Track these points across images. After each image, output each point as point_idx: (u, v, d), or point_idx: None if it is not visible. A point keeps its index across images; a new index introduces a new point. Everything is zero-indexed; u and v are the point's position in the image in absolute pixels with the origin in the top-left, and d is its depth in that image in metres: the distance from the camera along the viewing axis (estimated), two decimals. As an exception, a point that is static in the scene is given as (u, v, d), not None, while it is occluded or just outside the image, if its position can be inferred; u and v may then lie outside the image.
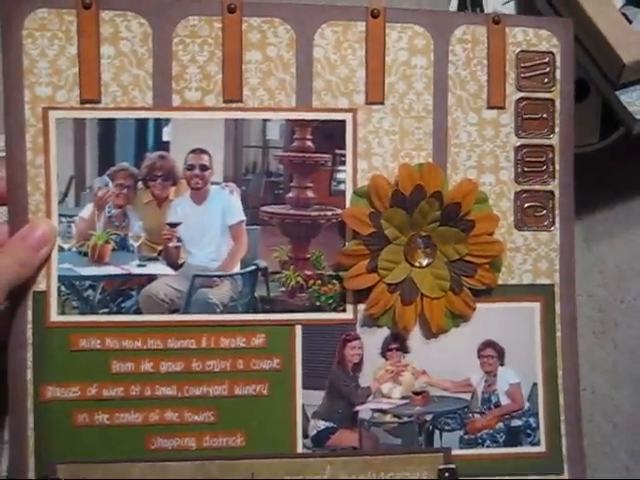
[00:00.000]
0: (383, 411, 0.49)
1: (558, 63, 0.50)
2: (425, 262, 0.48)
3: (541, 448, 0.49)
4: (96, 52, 0.46)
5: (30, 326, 0.46)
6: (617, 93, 0.55)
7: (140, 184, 0.47)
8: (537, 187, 0.50)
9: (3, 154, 0.46)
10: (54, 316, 0.47)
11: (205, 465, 0.47)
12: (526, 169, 0.50)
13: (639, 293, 0.57)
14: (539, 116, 0.50)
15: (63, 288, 0.47)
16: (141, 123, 0.47)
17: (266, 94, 0.48)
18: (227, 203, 0.48)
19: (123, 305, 0.47)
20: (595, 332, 0.56)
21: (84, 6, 0.46)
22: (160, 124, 0.47)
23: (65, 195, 0.47)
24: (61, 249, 0.47)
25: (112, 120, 0.47)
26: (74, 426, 0.47)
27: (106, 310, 0.47)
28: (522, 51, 0.50)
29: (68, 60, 0.46)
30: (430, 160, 0.49)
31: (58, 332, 0.47)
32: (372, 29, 0.49)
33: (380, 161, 0.49)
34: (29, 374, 0.46)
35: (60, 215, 0.47)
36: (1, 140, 0.50)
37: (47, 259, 0.46)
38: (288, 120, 0.48)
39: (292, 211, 0.48)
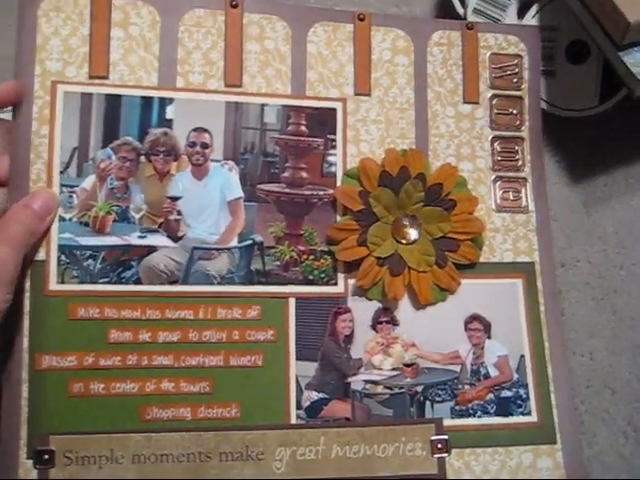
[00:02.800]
0: (374, 382, 0.50)
1: (526, 65, 0.56)
2: (411, 239, 0.51)
3: (532, 418, 0.51)
4: (107, 34, 0.49)
5: (28, 294, 0.47)
6: (620, 54, 0.54)
7: (143, 158, 0.49)
8: (511, 174, 0.54)
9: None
10: (53, 285, 0.47)
11: (200, 436, 0.47)
12: (500, 158, 0.54)
13: (638, 259, 0.58)
14: (510, 112, 0.55)
15: (63, 257, 0.47)
16: (146, 101, 0.49)
17: (264, 81, 0.52)
18: (226, 180, 0.50)
19: (123, 275, 0.48)
20: (594, 298, 0.57)
21: None
22: (164, 103, 0.50)
23: (67, 166, 0.48)
24: (62, 219, 0.48)
25: (118, 96, 0.49)
26: (69, 396, 0.46)
27: (106, 280, 0.48)
28: (493, 54, 0.55)
29: (79, 40, 0.49)
30: (413, 147, 0.53)
31: (57, 301, 0.47)
32: (359, 30, 0.54)
33: (367, 147, 0.53)
34: (25, 342, 0.46)
35: (61, 185, 0.48)
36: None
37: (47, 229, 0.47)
38: (284, 106, 0.52)
39: (287, 190, 0.51)
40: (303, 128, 0.52)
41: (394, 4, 0.62)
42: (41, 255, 0.47)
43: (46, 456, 0.46)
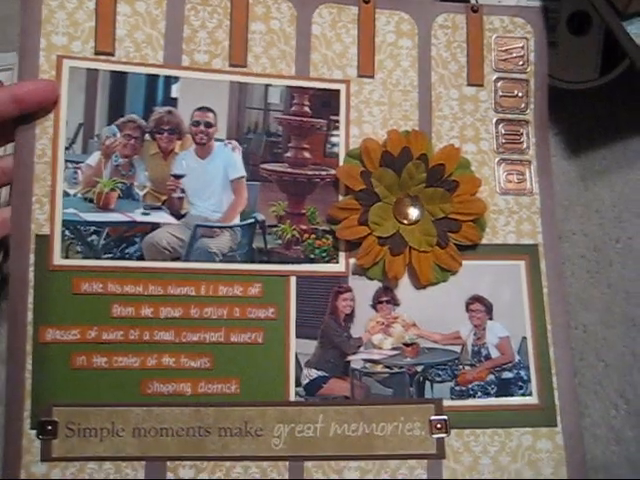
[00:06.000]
0: (374, 361, 0.50)
1: (532, 47, 0.56)
2: (413, 219, 0.51)
3: (533, 400, 0.51)
4: (113, 9, 0.50)
5: (32, 269, 0.47)
6: (624, 24, 0.53)
7: (147, 136, 0.50)
8: (515, 157, 0.54)
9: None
10: (57, 259, 0.48)
11: (200, 411, 0.48)
12: (504, 141, 0.54)
13: (635, 233, 0.58)
14: (515, 94, 0.55)
15: (67, 232, 0.48)
16: (151, 79, 0.50)
17: (268, 62, 0.52)
18: (229, 159, 0.51)
19: (126, 251, 0.49)
20: (589, 271, 0.56)
21: None
22: (169, 81, 0.50)
23: (72, 142, 0.49)
24: (66, 194, 0.48)
25: (124, 73, 0.50)
26: (72, 368, 0.47)
27: (109, 255, 0.48)
28: (498, 37, 0.55)
29: (86, 14, 0.50)
30: (417, 129, 0.53)
31: (61, 275, 0.48)
32: (363, 13, 0.54)
33: (370, 128, 0.53)
34: (29, 316, 0.47)
35: (66, 161, 0.48)
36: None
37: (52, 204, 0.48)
38: (288, 87, 0.52)
39: (290, 169, 0.52)
40: (306, 109, 0.52)
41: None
42: (45, 230, 0.48)
43: (49, 427, 0.47)
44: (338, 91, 0.53)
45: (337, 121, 0.52)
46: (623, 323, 0.56)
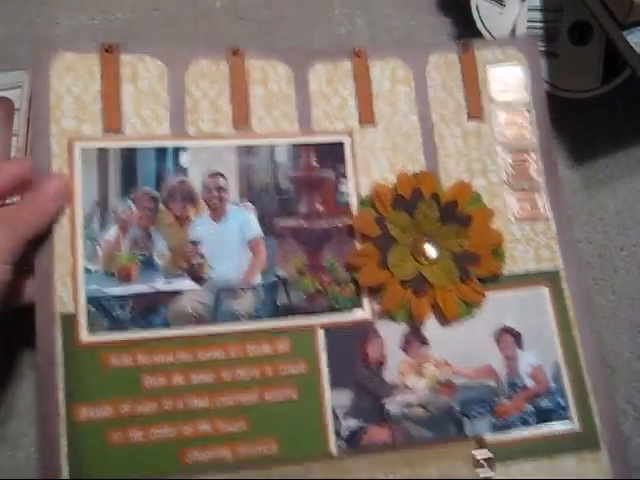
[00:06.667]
0: (410, 404, 0.50)
1: (528, 75, 0.57)
2: (432, 258, 0.51)
3: (574, 426, 0.50)
4: (117, 89, 0.52)
5: (60, 348, 0.47)
6: (624, 33, 0.54)
7: (162, 206, 0.51)
8: (525, 185, 0.55)
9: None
10: (85, 336, 0.48)
11: (242, 474, 0.47)
12: (512, 171, 0.55)
13: (639, 240, 0.58)
14: (517, 123, 0.56)
15: (92, 309, 0.48)
16: (160, 150, 0.51)
17: (272, 123, 0.53)
18: (244, 219, 0.52)
19: (152, 321, 0.49)
20: (594, 278, 0.57)
21: (106, 50, 0.52)
22: (178, 151, 0.51)
23: (90, 220, 0.50)
24: (88, 271, 0.49)
25: (133, 149, 0.51)
26: (108, 445, 0.47)
27: (136, 327, 0.49)
28: (493, 68, 0.57)
29: (91, 96, 0.51)
30: (424, 170, 0.54)
31: (89, 352, 0.48)
32: (357, 66, 0.55)
33: (378, 174, 0.53)
34: (60, 395, 0.47)
35: (85, 238, 0.49)
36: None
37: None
38: (293, 144, 0.53)
39: (304, 223, 0.52)
40: (313, 162, 0.53)
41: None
42: (70, 308, 0.48)
43: (91, 509, 0.46)
44: (342, 143, 0.54)
45: (345, 171, 0.53)
46: (629, 330, 0.56)
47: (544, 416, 0.50)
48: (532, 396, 0.51)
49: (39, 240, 0.48)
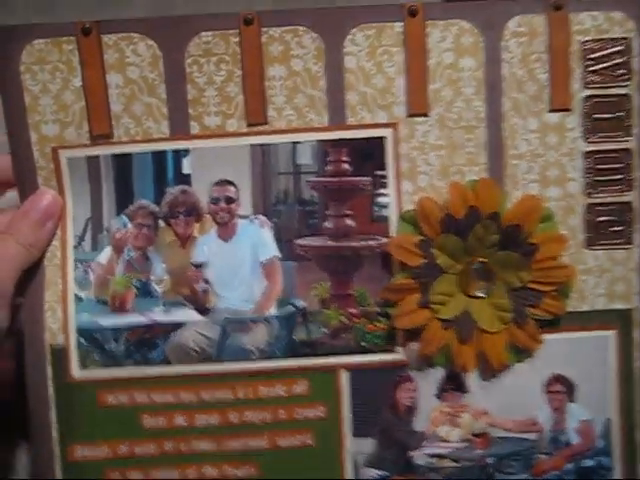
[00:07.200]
0: (440, 456, 0.45)
1: (635, 50, 0.43)
2: (483, 292, 0.43)
3: (616, 489, 0.45)
4: (102, 82, 0.43)
5: (51, 383, 0.43)
6: None
7: (161, 222, 0.44)
8: (611, 199, 0.44)
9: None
10: (76, 372, 0.43)
11: (249, 524, 0.44)
12: (598, 179, 0.44)
13: None
14: (613, 115, 0.43)
15: (83, 341, 0.43)
16: (158, 156, 0.44)
17: (294, 114, 0.43)
18: (257, 238, 0.44)
19: (149, 356, 0.44)
20: None
21: (84, 32, 0.42)
22: (179, 155, 0.43)
23: (81, 239, 0.44)
24: (78, 298, 0.44)
25: (127, 155, 0.43)
26: (106, 485, 0.44)
27: (131, 362, 0.44)
28: (590, 40, 0.43)
29: (73, 94, 0.43)
30: (484, 176, 0.43)
31: (82, 388, 0.44)
32: (410, 29, 0.42)
33: (427, 180, 0.43)
34: (54, 433, 0.44)
35: (76, 260, 0.44)
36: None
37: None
38: (320, 141, 0.43)
39: (330, 243, 0.44)
40: (345, 166, 0.43)
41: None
42: (60, 339, 0.43)
43: None
44: (383, 139, 0.43)
45: (384, 177, 0.43)
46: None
47: (584, 477, 0.45)
48: (575, 454, 0.45)
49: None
